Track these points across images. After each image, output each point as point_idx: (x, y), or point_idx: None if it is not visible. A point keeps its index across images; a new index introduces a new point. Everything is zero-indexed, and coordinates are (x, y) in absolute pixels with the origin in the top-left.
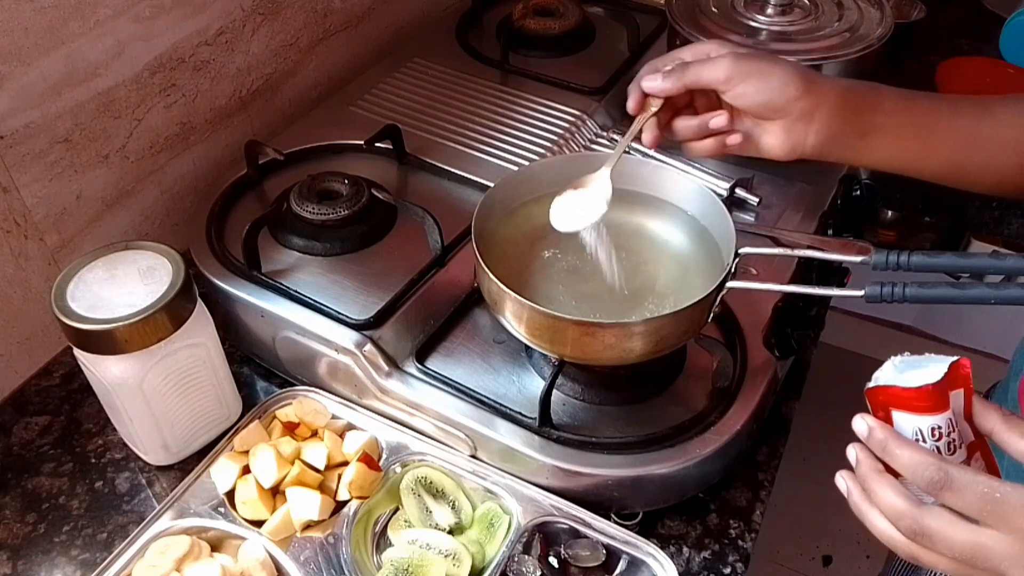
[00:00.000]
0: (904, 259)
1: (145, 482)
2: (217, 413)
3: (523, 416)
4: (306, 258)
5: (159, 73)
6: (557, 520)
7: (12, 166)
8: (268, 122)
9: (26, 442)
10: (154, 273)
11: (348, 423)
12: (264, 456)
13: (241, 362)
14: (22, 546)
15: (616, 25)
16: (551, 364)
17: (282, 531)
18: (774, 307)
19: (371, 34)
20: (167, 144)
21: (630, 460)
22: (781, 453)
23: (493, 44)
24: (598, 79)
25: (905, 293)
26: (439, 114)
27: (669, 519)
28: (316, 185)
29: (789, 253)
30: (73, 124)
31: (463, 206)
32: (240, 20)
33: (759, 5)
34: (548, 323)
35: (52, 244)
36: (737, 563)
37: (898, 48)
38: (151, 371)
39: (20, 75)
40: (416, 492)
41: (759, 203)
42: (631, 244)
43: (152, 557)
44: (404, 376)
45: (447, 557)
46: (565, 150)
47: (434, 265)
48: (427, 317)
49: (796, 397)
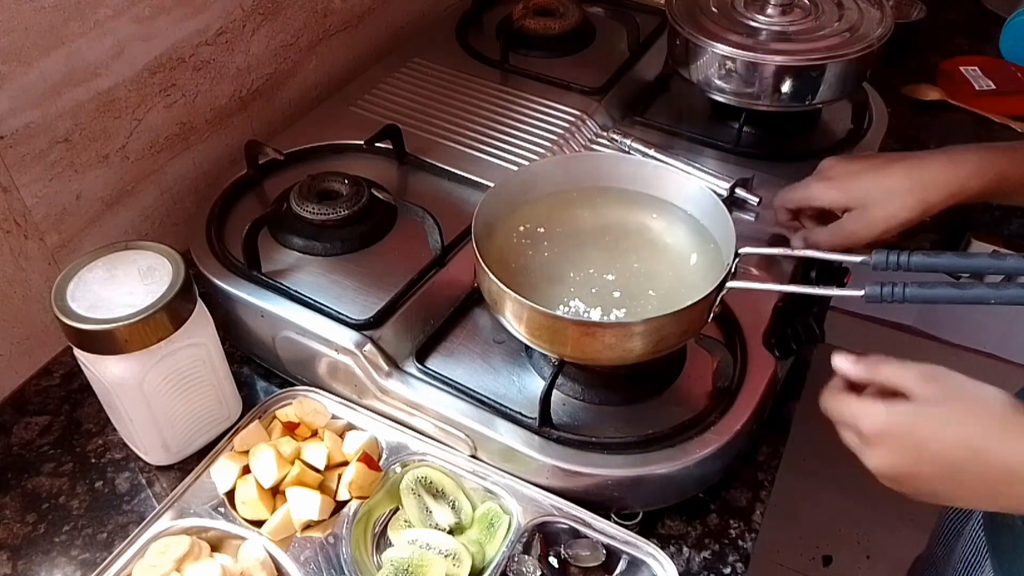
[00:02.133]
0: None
1: (145, 482)
2: (217, 413)
3: (523, 416)
4: (306, 258)
5: (159, 73)
6: (557, 520)
7: (12, 166)
8: (268, 122)
9: (26, 442)
10: (154, 273)
11: (348, 423)
12: (264, 456)
13: (241, 362)
14: (22, 546)
15: (616, 25)
16: (551, 364)
17: (282, 531)
18: (774, 307)
19: (371, 34)
20: (167, 144)
21: (630, 460)
22: (781, 453)
23: (493, 44)
24: (598, 79)
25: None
26: (439, 114)
27: (669, 519)
28: (316, 185)
29: (789, 253)
30: (73, 124)
31: (463, 206)
32: (240, 20)
33: (759, 5)
34: (548, 323)
35: (52, 244)
36: (737, 563)
37: (898, 48)
38: (151, 371)
39: (20, 75)
40: (416, 492)
41: (759, 203)
42: (631, 244)
43: (152, 557)
44: (404, 376)
45: (447, 557)
46: (565, 150)
47: (434, 265)
48: (427, 317)
49: (796, 397)
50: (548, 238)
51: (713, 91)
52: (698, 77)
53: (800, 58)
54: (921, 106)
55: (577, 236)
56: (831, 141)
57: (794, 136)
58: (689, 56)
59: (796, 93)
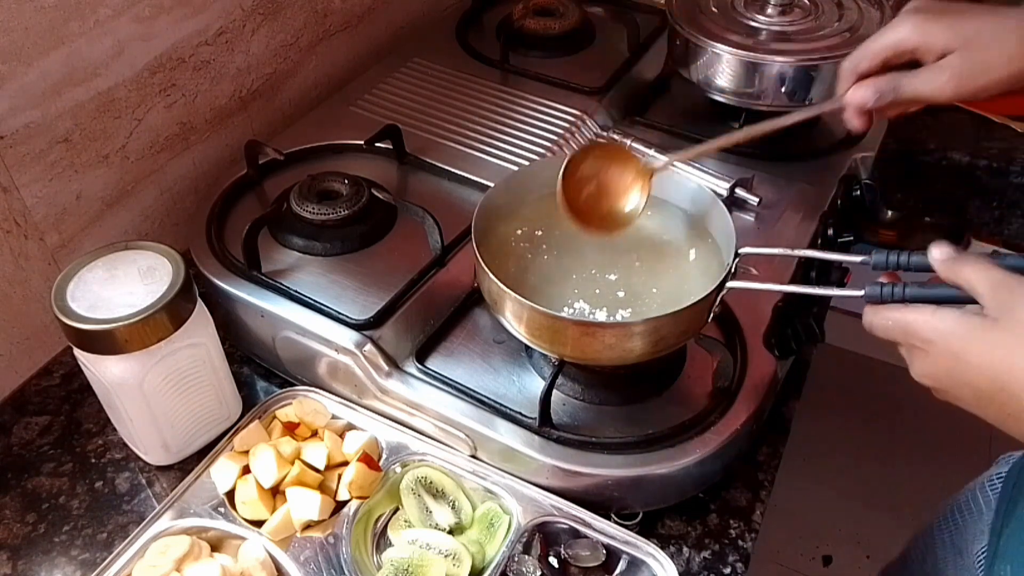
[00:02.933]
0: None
1: (145, 482)
2: (217, 413)
3: (523, 416)
4: (306, 258)
5: (159, 73)
6: (557, 520)
7: (12, 166)
8: (268, 122)
9: (26, 442)
10: (154, 273)
11: (348, 423)
12: (264, 456)
13: (241, 362)
14: (22, 546)
15: (616, 25)
16: (551, 364)
17: (282, 531)
18: (774, 307)
19: (371, 34)
20: (167, 144)
21: (630, 460)
22: (781, 453)
23: (493, 44)
24: (598, 79)
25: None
26: (439, 114)
27: (669, 519)
28: (316, 185)
29: (789, 253)
30: (73, 124)
31: (463, 206)
32: (240, 20)
33: (759, 5)
34: (548, 323)
35: (52, 244)
36: (737, 563)
37: None
38: (151, 371)
39: (20, 75)
40: (416, 492)
41: (759, 203)
42: (632, 244)
43: (152, 557)
44: (404, 376)
45: (447, 557)
46: (565, 150)
47: (434, 265)
48: (427, 317)
49: (796, 397)
50: (548, 239)
51: (713, 91)
52: (698, 77)
53: (800, 58)
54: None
55: (577, 236)
56: (831, 141)
57: (794, 136)
58: (689, 56)
59: (796, 93)
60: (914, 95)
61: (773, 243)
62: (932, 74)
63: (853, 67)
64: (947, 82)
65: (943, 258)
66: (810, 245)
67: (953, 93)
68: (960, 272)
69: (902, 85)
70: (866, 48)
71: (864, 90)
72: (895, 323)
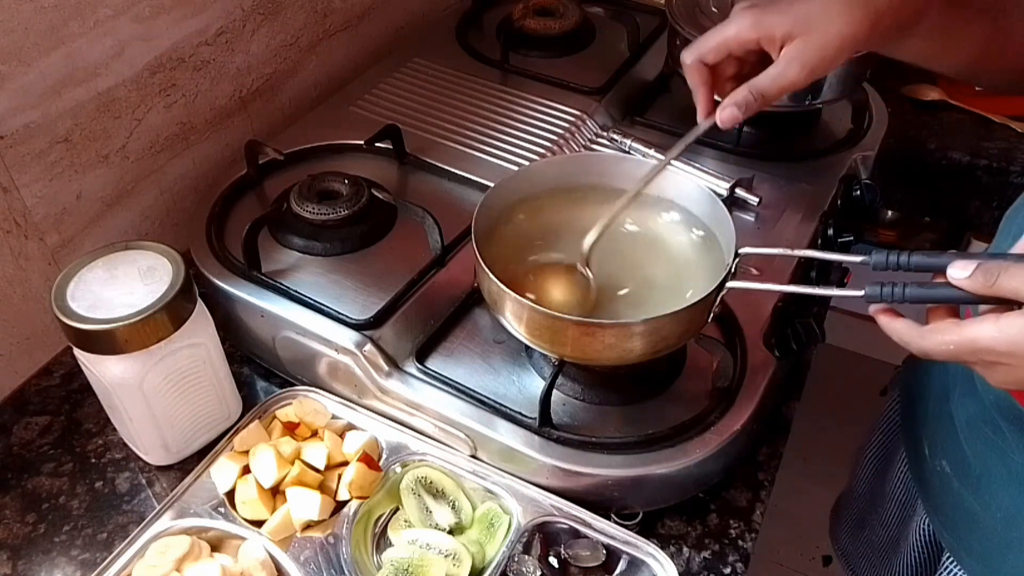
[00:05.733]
0: (904, 259)
1: (145, 482)
2: (217, 413)
3: (523, 416)
4: (306, 258)
5: (159, 73)
6: (557, 520)
7: (12, 166)
8: (268, 122)
9: (26, 442)
10: (154, 273)
11: (348, 423)
12: (264, 456)
13: (241, 362)
14: (22, 546)
15: (616, 25)
16: (551, 364)
17: (282, 531)
18: (774, 307)
19: (371, 34)
20: (167, 144)
21: (630, 460)
22: (781, 453)
23: (493, 44)
24: (598, 79)
25: (905, 293)
26: (439, 114)
27: (669, 519)
28: (316, 185)
29: (789, 253)
30: (73, 124)
31: (463, 206)
32: (240, 20)
33: None
34: (548, 323)
35: (52, 244)
36: (737, 563)
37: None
38: (151, 371)
39: (20, 75)
40: (416, 492)
41: (759, 203)
42: (631, 244)
43: (152, 557)
44: (404, 376)
45: (447, 557)
46: (565, 150)
47: (434, 265)
48: (427, 317)
49: (796, 397)
50: (548, 238)
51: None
52: None
53: None
54: (921, 106)
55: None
56: (831, 141)
57: (794, 136)
58: None
59: (796, 93)
60: (777, 91)
61: (773, 243)
62: (783, 68)
63: (697, 59)
64: (800, 71)
65: (968, 274)
66: (810, 245)
67: (808, 78)
68: (1002, 284)
69: (762, 88)
70: (707, 41)
71: (731, 110)
72: (958, 346)
